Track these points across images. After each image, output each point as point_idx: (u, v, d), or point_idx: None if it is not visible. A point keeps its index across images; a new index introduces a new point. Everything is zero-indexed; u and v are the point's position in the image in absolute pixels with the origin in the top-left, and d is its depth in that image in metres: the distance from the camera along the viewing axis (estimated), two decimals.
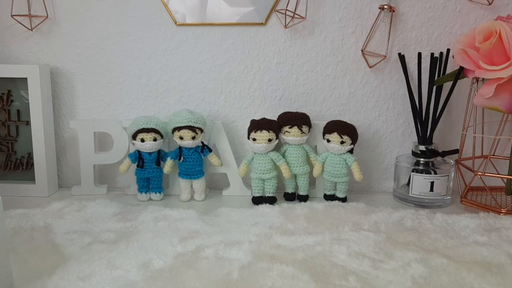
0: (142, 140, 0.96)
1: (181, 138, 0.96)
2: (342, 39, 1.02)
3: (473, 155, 0.98)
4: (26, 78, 1.00)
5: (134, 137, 0.97)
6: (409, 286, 0.62)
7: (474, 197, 0.99)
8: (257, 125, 0.95)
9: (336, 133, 0.94)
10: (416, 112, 0.98)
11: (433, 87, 0.96)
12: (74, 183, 1.10)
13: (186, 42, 1.04)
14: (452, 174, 0.97)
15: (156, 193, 1.01)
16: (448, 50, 0.98)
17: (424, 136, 0.97)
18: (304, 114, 0.98)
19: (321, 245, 0.75)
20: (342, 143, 0.94)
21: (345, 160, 0.96)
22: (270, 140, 0.95)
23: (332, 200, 0.99)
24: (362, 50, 1.01)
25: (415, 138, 1.00)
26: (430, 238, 0.79)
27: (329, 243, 0.76)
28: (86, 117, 1.09)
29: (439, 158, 0.98)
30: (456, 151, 0.98)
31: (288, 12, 0.99)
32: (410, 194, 0.96)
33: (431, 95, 0.96)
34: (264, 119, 0.97)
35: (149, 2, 1.02)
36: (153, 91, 1.07)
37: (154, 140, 0.97)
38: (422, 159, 0.97)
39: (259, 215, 0.90)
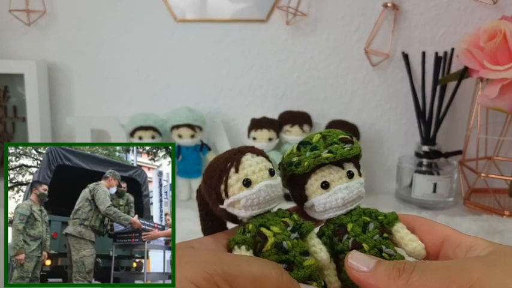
0: (140, 138, 0.95)
1: (180, 136, 0.95)
2: (345, 37, 1.01)
3: (477, 156, 0.97)
4: (23, 74, 0.98)
5: (132, 134, 0.96)
6: None
7: (477, 199, 0.97)
8: (257, 124, 0.94)
9: None
10: (419, 112, 0.96)
11: (437, 86, 0.95)
12: None
13: (186, 38, 1.02)
14: (456, 175, 0.96)
15: None
16: (453, 49, 0.96)
17: (427, 136, 0.96)
18: (306, 113, 0.97)
19: None
20: None
21: None
22: (270, 139, 0.93)
23: None
24: (365, 49, 1.00)
25: (418, 138, 0.98)
26: None
27: None
28: (83, 114, 1.07)
29: (442, 159, 0.97)
30: (459, 152, 0.97)
31: (289, 9, 0.97)
32: (412, 196, 0.95)
33: (435, 95, 0.95)
34: (264, 117, 0.96)
35: None
36: (152, 88, 1.05)
37: (153, 138, 0.95)
38: (425, 160, 0.96)
39: None
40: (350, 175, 0.37)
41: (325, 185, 0.36)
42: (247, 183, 0.34)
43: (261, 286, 0.30)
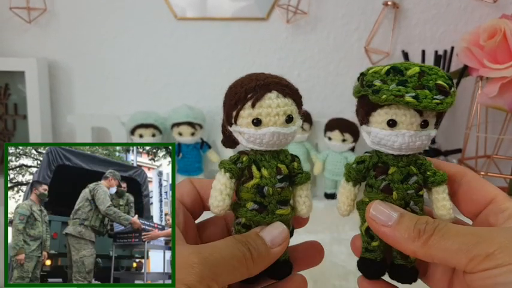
0: (141, 136, 0.95)
1: (180, 134, 0.95)
2: (345, 36, 1.01)
3: (476, 155, 0.97)
4: (24, 71, 0.99)
5: (133, 132, 0.96)
6: (409, 286, 0.61)
7: None
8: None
9: (337, 131, 0.93)
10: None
11: None
12: None
13: (186, 37, 1.02)
14: None
15: None
16: (452, 48, 0.96)
17: None
18: (306, 111, 0.97)
19: None
20: (344, 141, 0.93)
21: (346, 158, 0.94)
22: None
23: (333, 199, 0.97)
24: (365, 47, 1.00)
25: None
26: None
27: (329, 243, 0.75)
28: (83, 112, 1.07)
29: (441, 157, 0.97)
30: (459, 150, 0.97)
31: (290, 8, 0.97)
32: None
33: None
34: None
35: None
36: (153, 86, 1.05)
37: (153, 135, 0.95)
38: None
39: None
40: (424, 125, 0.33)
41: (392, 124, 0.34)
42: (257, 122, 0.34)
43: (235, 270, 0.31)
